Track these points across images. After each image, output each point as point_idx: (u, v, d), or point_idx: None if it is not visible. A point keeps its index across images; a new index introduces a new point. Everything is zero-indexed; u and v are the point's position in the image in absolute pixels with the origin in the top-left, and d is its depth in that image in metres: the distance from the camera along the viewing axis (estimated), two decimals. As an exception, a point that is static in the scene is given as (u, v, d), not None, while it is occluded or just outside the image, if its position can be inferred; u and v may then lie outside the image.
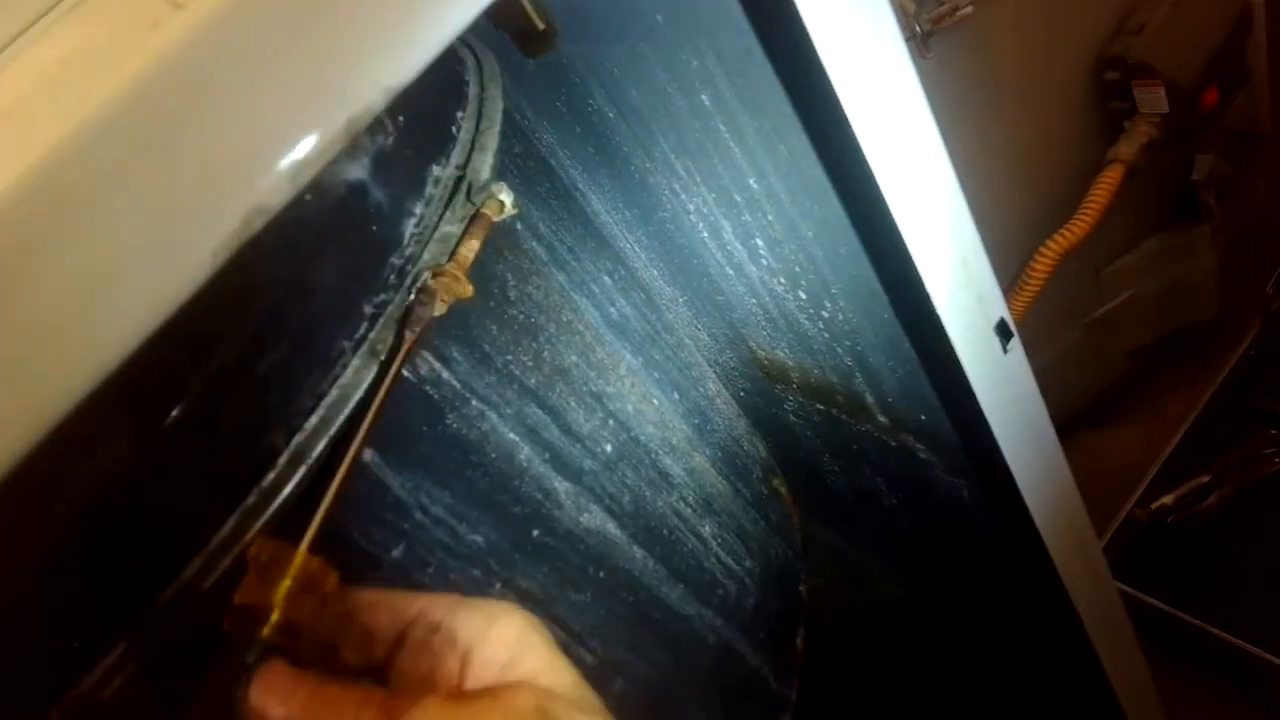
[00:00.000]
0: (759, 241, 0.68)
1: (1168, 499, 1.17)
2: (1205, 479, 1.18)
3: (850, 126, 0.37)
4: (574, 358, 0.47)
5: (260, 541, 0.28)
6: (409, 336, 0.32)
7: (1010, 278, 1.08)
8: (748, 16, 0.37)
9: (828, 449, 0.92)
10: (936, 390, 0.54)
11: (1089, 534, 0.65)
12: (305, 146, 0.21)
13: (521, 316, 0.44)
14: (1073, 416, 1.31)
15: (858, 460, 0.88)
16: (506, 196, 0.38)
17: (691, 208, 0.70)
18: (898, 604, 0.92)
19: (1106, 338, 1.27)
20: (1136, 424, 1.31)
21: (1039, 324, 1.14)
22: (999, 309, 0.48)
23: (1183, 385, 1.32)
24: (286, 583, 0.27)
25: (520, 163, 0.52)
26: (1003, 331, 0.49)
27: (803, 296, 0.69)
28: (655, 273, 0.85)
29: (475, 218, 0.38)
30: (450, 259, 0.36)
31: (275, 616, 0.26)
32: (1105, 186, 1.01)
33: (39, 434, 0.20)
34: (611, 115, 0.67)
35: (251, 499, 0.31)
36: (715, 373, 0.88)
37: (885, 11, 0.36)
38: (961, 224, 0.45)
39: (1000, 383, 0.50)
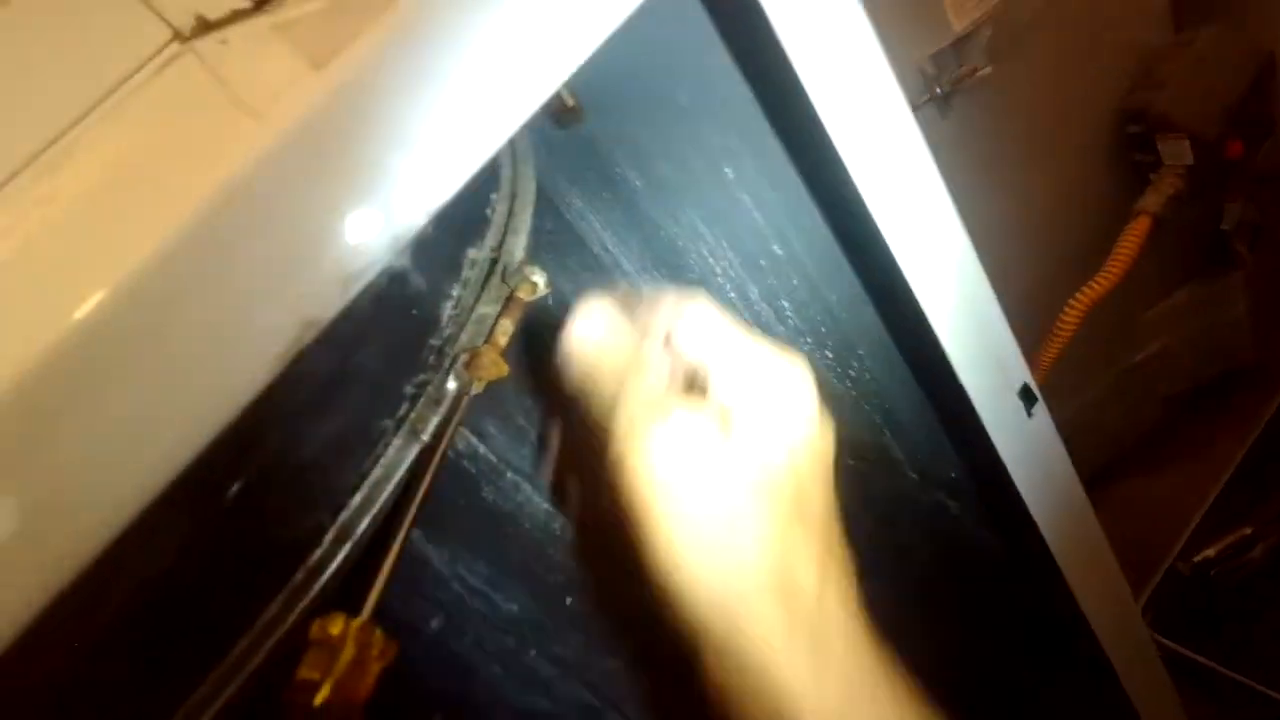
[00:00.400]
0: (785, 303, 0.69)
1: (1210, 551, 1.15)
2: (1248, 531, 1.16)
3: (865, 204, 0.38)
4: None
5: (320, 617, 0.29)
6: (453, 419, 0.34)
7: (1040, 330, 1.08)
8: (761, 105, 0.39)
9: (857, 503, 0.92)
10: (962, 454, 0.55)
11: (1124, 590, 0.65)
12: (355, 264, 0.23)
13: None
14: (1108, 465, 1.30)
15: (888, 515, 0.88)
16: (539, 278, 0.40)
17: (719, 270, 0.72)
18: (930, 657, 0.91)
19: (1142, 386, 1.26)
20: (1174, 473, 1.29)
21: (1073, 373, 1.14)
22: (1022, 374, 0.49)
23: (1220, 433, 1.30)
24: (347, 654, 0.28)
25: (553, 238, 0.54)
26: (1026, 396, 0.49)
27: (829, 356, 0.70)
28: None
29: (510, 300, 0.39)
30: (487, 341, 0.38)
31: (327, 691, 0.27)
32: (1132, 238, 1.02)
33: (116, 530, 0.22)
34: (639, 184, 0.69)
35: (299, 577, 0.32)
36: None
37: (892, 86, 0.38)
38: (981, 293, 0.46)
39: (1026, 447, 0.51)
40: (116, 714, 0.31)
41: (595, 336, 0.38)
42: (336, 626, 0.29)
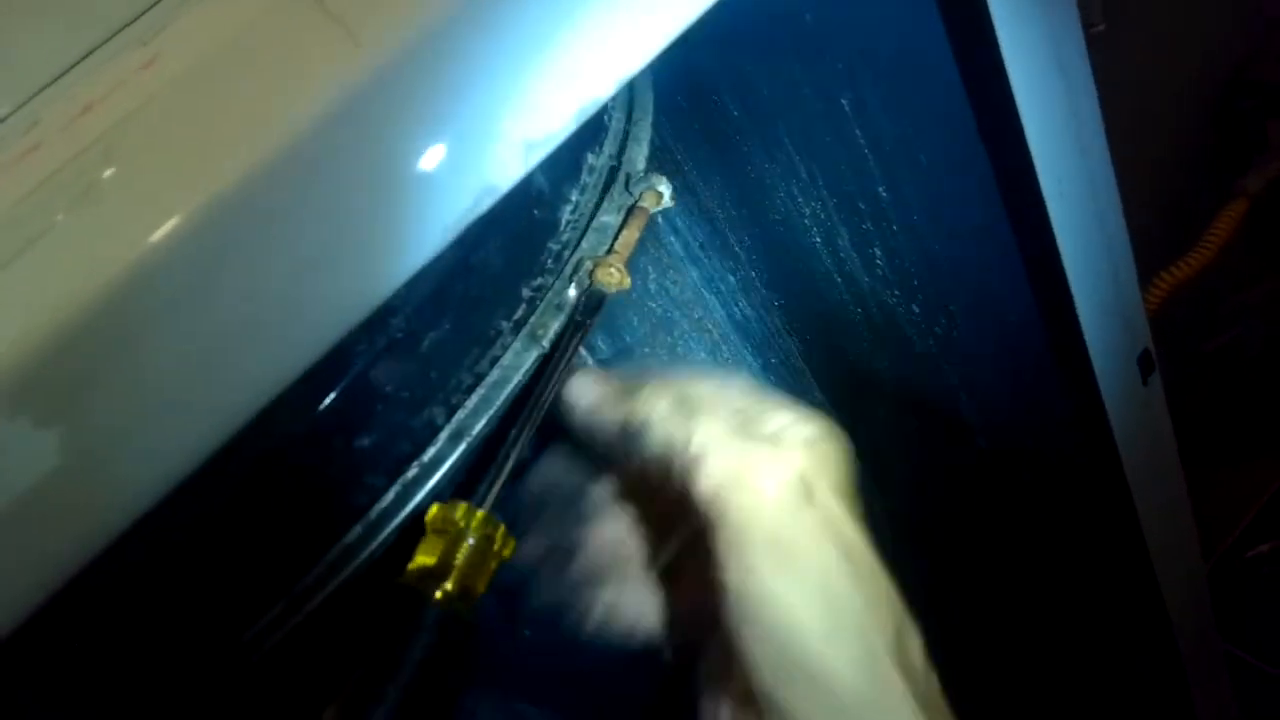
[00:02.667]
0: (877, 251, 0.66)
1: (1264, 548, 1.12)
2: (1306, 531, 1.13)
3: (1026, 138, 0.36)
4: (703, 355, 0.47)
5: (439, 506, 0.28)
6: (585, 324, 0.32)
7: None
8: (942, 17, 0.36)
9: (916, 467, 0.90)
10: (1064, 417, 0.53)
11: (1202, 580, 0.63)
12: (538, 131, 0.21)
13: (660, 310, 0.44)
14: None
15: (948, 481, 0.86)
16: (665, 188, 0.38)
17: (808, 212, 0.69)
18: (982, 632, 0.90)
19: (1214, 374, 1.22)
20: (1235, 467, 1.25)
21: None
22: (1144, 338, 0.46)
23: (1287, 431, 1.26)
24: (467, 544, 0.27)
25: (659, 156, 0.52)
26: (1145, 363, 0.47)
27: (916, 311, 0.68)
28: (754, 275, 0.84)
29: (633, 209, 0.38)
30: (611, 250, 0.36)
31: (452, 585, 0.26)
32: (1229, 219, 0.97)
33: (282, 385, 0.21)
34: (736, 114, 0.66)
35: (413, 471, 0.31)
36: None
37: (1073, 20, 0.35)
38: (1119, 244, 0.43)
39: (1137, 416, 0.48)
40: (226, 596, 0.30)
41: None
42: (459, 514, 0.27)
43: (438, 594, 0.26)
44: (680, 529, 0.32)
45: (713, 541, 0.27)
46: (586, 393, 0.32)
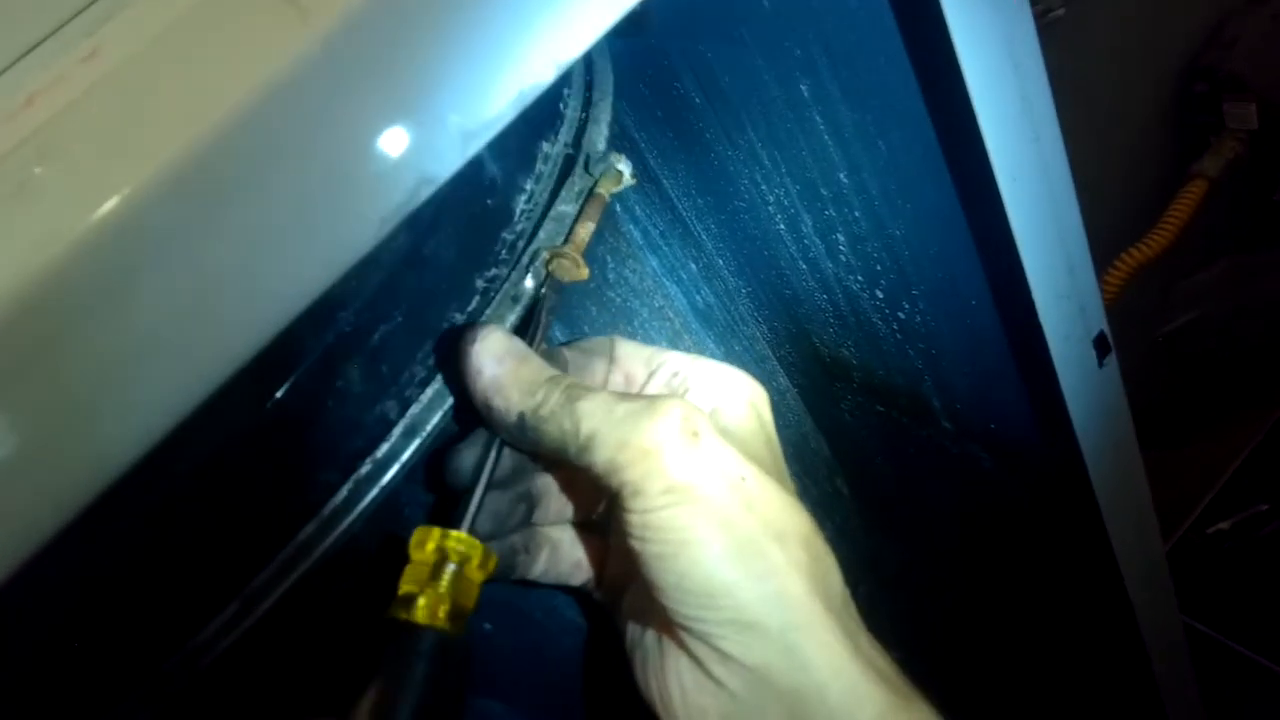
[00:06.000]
0: (840, 237, 0.66)
1: (1225, 524, 1.15)
2: (1264, 507, 1.15)
3: (978, 121, 0.36)
4: (663, 343, 0.47)
5: (419, 531, 0.28)
6: (545, 320, 0.32)
7: (1080, 289, 1.06)
8: (892, 5, 0.36)
9: (882, 451, 0.91)
10: (1023, 400, 0.53)
11: (1161, 560, 0.64)
12: (476, 119, 0.21)
13: (619, 299, 0.43)
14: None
15: (914, 465, 0.87)
16: (625, 167, 0.38)
17: (772, 199, 0.69)
18: (948, 614, 0.91)
19: (1171, 356, 1.24)
20: (1196, 447, 1.28)
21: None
22: (1099, 321, 0.47)
23: (1246, 411, 1.29)
24: (449, 570, 0.27)
25: (619, 143, 0.52)
26: (1101, 345, 0.47)
27: (879, 296, 0.68)
28: (721, 262, 0.84)
29: (591, 196, 0.37)
30: (567, 241, 0.35)
31: (441, 610, 0.26)
32: (1187, 201, 0.99)
33: (219, 379, 0.20)
34: (698, 101, 0.66)
35: (366, 467, 0.31)
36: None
37: (1024, 8, 0.35)
38: (1073, 230, 0.44)
39: (1093, 398, 0.49)
40: (177, 596, 0.29)
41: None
42: (435, 541, 0.27)
43: (429, 622, 0.26)
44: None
45: (619, 500, 0.30)
46: (491, 365, 0.31)
